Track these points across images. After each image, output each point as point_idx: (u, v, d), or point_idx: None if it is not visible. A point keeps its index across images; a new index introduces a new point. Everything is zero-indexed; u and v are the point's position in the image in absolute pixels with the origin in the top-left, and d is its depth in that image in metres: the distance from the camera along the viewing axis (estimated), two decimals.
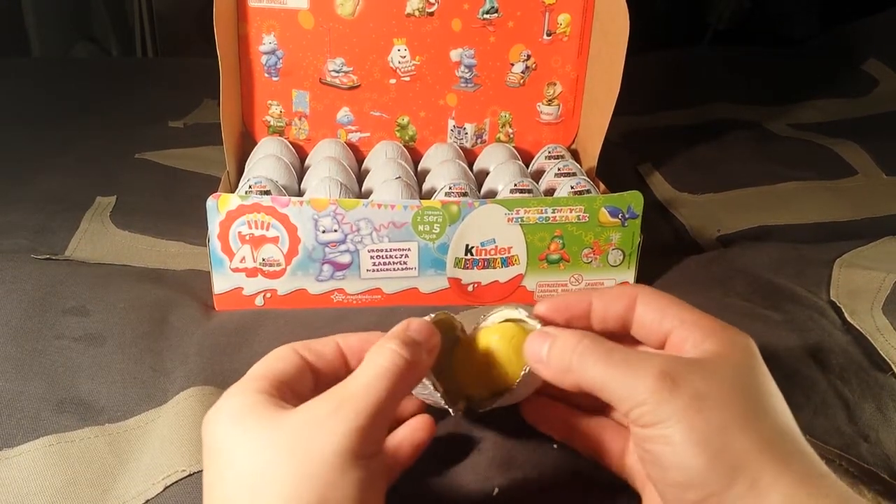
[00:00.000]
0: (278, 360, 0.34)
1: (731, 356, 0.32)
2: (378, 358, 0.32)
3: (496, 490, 0.40)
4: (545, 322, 0.37)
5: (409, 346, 0.33)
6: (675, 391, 0.30)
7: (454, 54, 0.68)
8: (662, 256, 0.64)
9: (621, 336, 0.36)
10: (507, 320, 0.40)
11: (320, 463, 0.28)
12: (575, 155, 0.71)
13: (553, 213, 0.55)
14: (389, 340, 0.33)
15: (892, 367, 0.49)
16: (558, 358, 0.33)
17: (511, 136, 0.72)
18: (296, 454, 0.29)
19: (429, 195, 0.61)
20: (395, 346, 0.32)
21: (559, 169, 0.63)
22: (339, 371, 0.35)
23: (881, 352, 0.50)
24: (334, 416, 0.30)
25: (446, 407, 0.38)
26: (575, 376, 0.32)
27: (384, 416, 0.31)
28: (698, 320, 0.33)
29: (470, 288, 0.57)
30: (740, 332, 0.33)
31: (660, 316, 0.34)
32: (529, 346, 0.35)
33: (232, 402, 0.31)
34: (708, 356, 0.32)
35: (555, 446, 0.42)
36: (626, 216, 0.56)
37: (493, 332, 0.39)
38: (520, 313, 0.39)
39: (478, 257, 0.56)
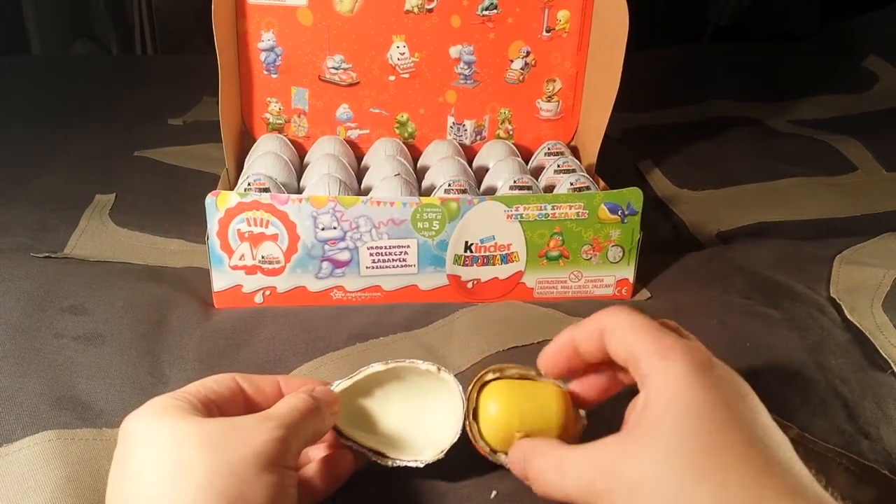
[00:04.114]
0: (213, 382, 0.36)
1: (681, 413, 0.30)
2: (292, 398, 0.36)
3: (494, 493, 0.40)
4: (552, 375, 0.39)
5: (315, 398, 0.37)
6: (609, 494, 0.30)
7: (453, 51, 0.68)
8: (662, 253, 0.64)
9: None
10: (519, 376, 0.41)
11: (240, 461, 0.31)
12: (574, 151, 0.71)
13: (552, 209, 0.55)
14: (300, 392, 0.37)
15: (892, 365, 0.49)
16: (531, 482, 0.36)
17: (510, 132, 0.72)
18: (217, 450, 0.31)
19: (428, 192, 0.61)
20: (304, 395, 0.36)
21: (559, 165, 0.63)
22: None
23: (881, 350, 0.50)
24: (257, 425, 0.33)
25: (374, 460, 0.39)
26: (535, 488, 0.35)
27: (298, 439, 0.34)
28: (646, 356, 0.32)
29: (469, 285, 0.57)
30: (686, 360, 0.31)
31: (618, 351, 0.34)
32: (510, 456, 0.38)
33: (154, 403, 0.33)
34: (660, 425, 0.30)
35: None
36: (626, 213, 0.56)
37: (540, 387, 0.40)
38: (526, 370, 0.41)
39: (477, 254, 0.56)
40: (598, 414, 0.38)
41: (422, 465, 0.39)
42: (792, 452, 0.30)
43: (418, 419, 0.42)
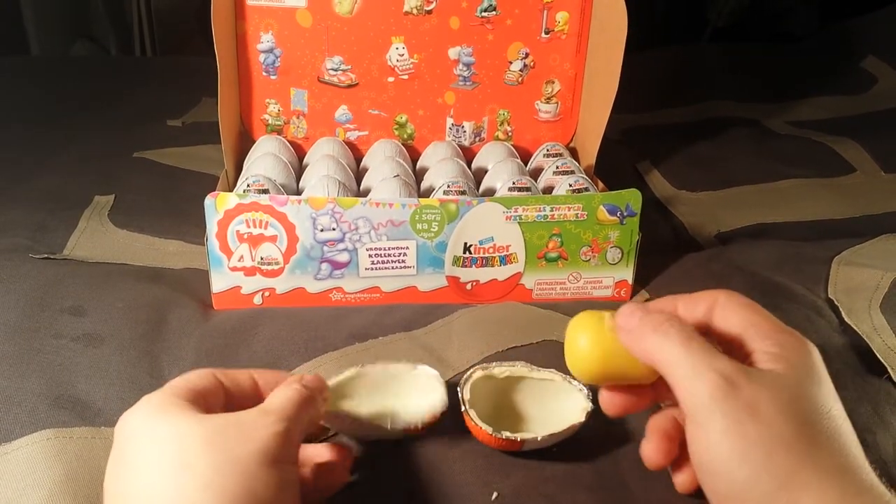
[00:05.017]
0: (197, 377, 0.36)
1: (794, 368, 0.33)
2: (287, 390, 0.36)
3: (495, 495, 0.40)
4: None
5: (307, 387, 0.37)
6: (730, 396, 0.31)
7: (452, 52, 0.68)
8: (661, 254, 0.64)
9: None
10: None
11: (245, 457, 0.31)
12: (573, 153, 0.71)
13: (551, 211, 0.55)
14: (293, 381, 0.37)
15: (889, 370, 0.49)
16: (645, 328, 0.35)
17: (509, 134, 0.72)
18: (221, 447, 0.31)
19: (427, 193, 0.61)
20: (297, 385, 0.36)
21: (557, 167, 0.63)
22: (250, 399, 0.37)
23: (878, 354, 0.50)
24: (258, 419, 0.33)
25: (375, 423, 0.40)
26: (650, 348, 0.34)
27: (297, 430, 0.34)
28: (767, 328, 0.35)
29: (468, 286, 0.57)
30: (804, 340, 0.35)
31: (735, 321, 0.35)
32: (623, 315, 0.36)
33: (152, 400, 0.33)
34: (771, 367, 0.33)
35: (554, 450, 0.42)
36: (625, 214, 0.56)
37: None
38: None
39: (476, 255, 0.56)
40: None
41: (420, 426, 0.40)
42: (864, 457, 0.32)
43: (401, 408, 0.43)
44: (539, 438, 0.40)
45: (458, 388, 0.43)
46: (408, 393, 0.44)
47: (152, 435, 0.31)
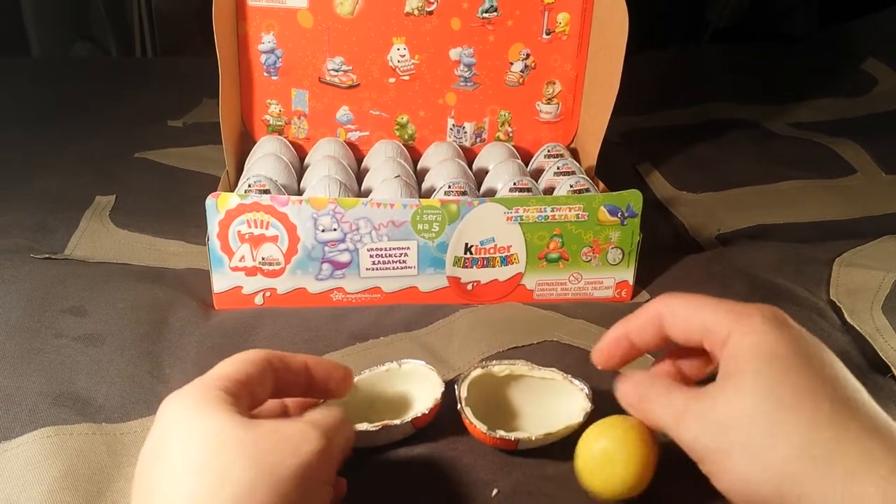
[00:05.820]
0: (247, 364, 0.34)
1: (766, 356, 0.32)
2: (327, 408, 0.35)
3: (496, 491, 0.40)
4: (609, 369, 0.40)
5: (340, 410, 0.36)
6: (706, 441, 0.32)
7: (453, 53, 0.68)
8: (661, 255, 0.64)
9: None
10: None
11: (283, 473, 0.29)
12: (574, 154, 0.71)
13: (552, 211, 0.55)
14: (330, 405, 0.37)
15: (892, 369, 0.49)
16: (633, 401, 0.37)
17: (510, 134, 0.72)
18: (260, 458, 0.29)
19: (428, 194, 0.61)
20: (333, 407, 0.36)
21: (558, 168, 0.63)
22: (300, 387, 0.37)
23: (881, 353, 0.50)
24: (301, 433, 0.31)
25: (398, 423, 0.41)
26: (648, 417, 0.36)
27: (338, 449, 0.33)
28: (720, 325, 0.34)
29: (469, 287, 0.57)
30: (767, 311, 0.34)
31: (685, 327, 0.36)
32: (623, 393, 0.38)
33: (199, 391, 0.32)
34: (746, 369, 0.32)
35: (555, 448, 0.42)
36: (626, 215, 0.56)
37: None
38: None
39: (477, 256, 0.56)
40: None
41: (427, 411, 0.41)
42: (870, 397, 0.32)
43: (402, 403, 0.44)
44: (533, 438, 0.40)
45: (456, 386, 0.43)
46: (404, 388, 0.44)
47: (187, 432, 0.30)
